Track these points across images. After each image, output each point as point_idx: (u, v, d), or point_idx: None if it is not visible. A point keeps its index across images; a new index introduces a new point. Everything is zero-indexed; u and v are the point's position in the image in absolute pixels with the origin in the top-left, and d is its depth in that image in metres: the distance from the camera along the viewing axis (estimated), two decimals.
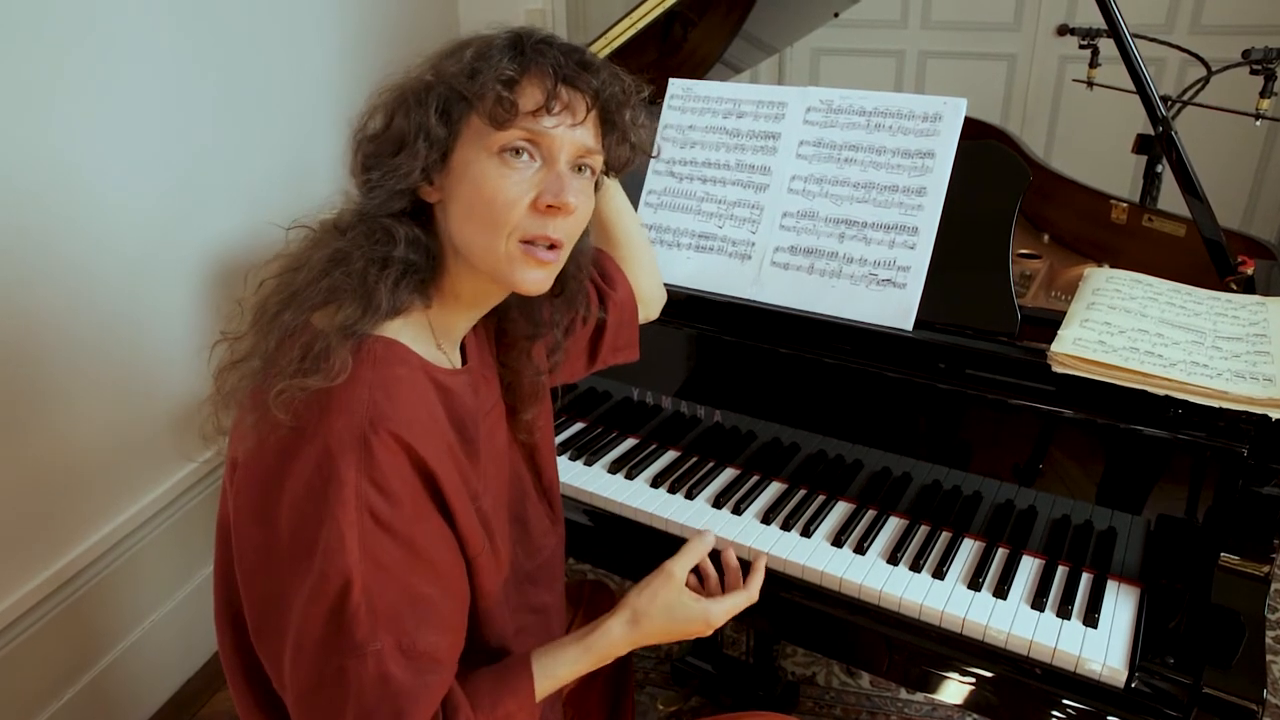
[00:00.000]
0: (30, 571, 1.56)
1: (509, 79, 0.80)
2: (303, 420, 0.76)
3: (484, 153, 0.81)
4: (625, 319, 1.19)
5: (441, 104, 0.81)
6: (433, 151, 0.81)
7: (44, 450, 1.55)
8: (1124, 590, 1.16)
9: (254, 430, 0.79)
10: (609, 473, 1.42)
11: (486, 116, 0.80)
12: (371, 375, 0.79)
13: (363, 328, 0.80)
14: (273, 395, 0.76)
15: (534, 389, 1.03)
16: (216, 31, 1.81)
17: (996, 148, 1.28)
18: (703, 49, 1.95)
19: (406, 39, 2.51)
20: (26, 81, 1.43)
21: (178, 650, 1.90)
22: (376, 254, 0.82)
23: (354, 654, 0.77)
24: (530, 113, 0.81)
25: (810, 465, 1.36)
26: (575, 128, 0.83)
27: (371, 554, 0.77)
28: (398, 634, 0.79)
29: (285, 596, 0.79)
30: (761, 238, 1.35)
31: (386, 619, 0.78)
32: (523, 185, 0.81)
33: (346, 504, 0.75)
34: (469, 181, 0.82)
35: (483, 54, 0.81)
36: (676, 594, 0.99)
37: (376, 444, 0.76)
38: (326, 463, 0.75)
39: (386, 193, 0.82)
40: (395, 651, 0.78)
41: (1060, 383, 1.13)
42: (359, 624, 0.76)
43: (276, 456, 0.78)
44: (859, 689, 1.91)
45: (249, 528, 0.81)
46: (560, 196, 0.81)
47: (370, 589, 0.77)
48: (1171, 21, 3.20)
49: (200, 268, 1.83)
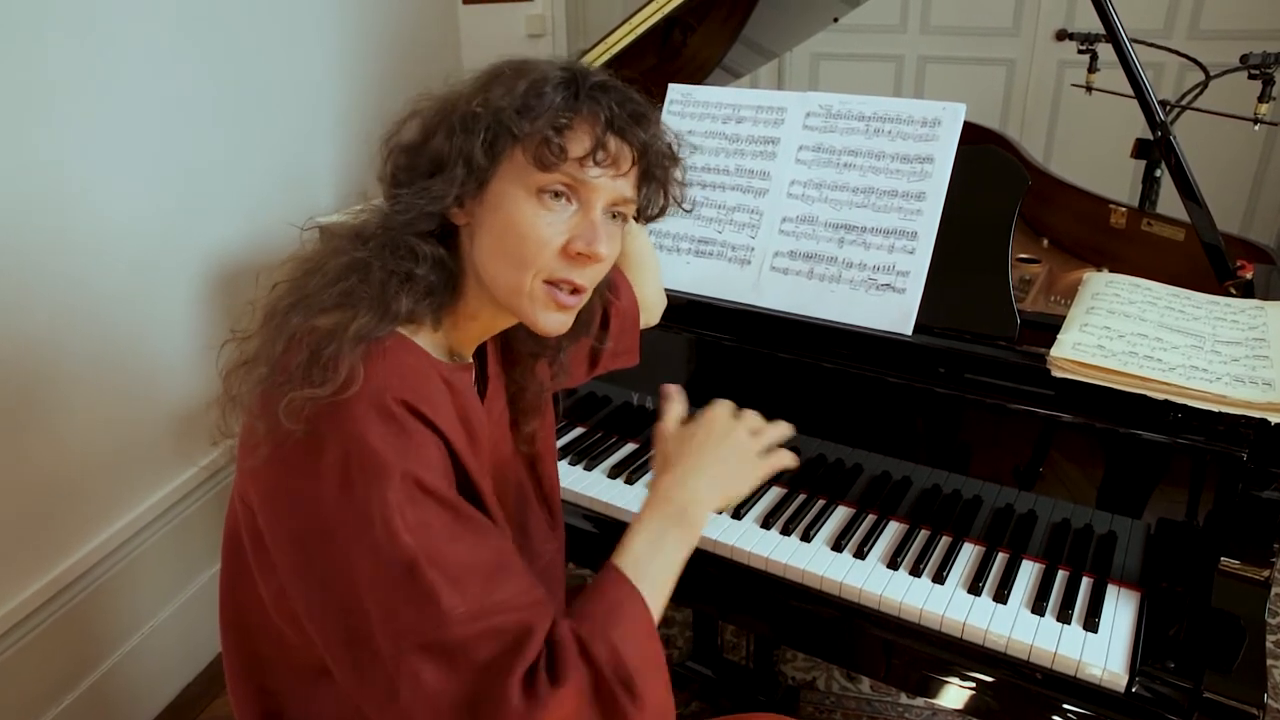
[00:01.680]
0: (30, 576, 1.56)
1: (561, 125, 0.79)
2: (316, 421, 0.74)
3: (522, 189, 0.80)
4: (627, 325, 1.19)
5: (489, 135, 0.79)
6: (471, 180, 0.80)
7: (44, 454, 1.55)
8: (1124, 595, 1.16)
9: (267, 438, 0.76)
10: (609, 477, 1.42)
11: (532, 156, 0.79)
12: (383, 365, 0.77)
13: (376, 335, 0.79)
14: (282, 408, 0.74)
15: (537, 402, 1.03)
16: (217, 37, 1.81)
17: (995, 152, 1.28)
18: (702, 54, 1.95)
19: (407, 45, 2.51)
20: (28, 86, 1.44)
21: (177, 655, 1.90)
22: (399, 269, 0.81)
23: (441, 625, 0.72)
24: (576, 159, 0.80)
25: (810, 470, 1.36)
26: (617, 179, 0.83)
27: (422, 524, 0.73)
28: (465, 596, 0.73)
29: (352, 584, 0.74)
30: (761, 243, 1.35)
31: (461, 579, 0.74)
32: (556, 227, 0.81)
33: (389, 475, 0.72)
34: (503, 215, 0.81)
35: (537, 90, 0.80)
36: (680, 431, 0.95)
37: (400, 413, 0.75)
38: (358, 440, 0.73)
39: (416, 211, 0.81)
40: (468, 619, 0.73)
41: (1060, 387, 1.13)
42: (436, 596, 0.72)
43: (302, 455, 0.75)
44: (859, 694, 1.91)
45: (286, 523, 0.78)
46: (592, 246, 0.81)
47: (433, 557, 0.73)
48: (1170, 26, 3.21)
49: (201, 272, 1.84)
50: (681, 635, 2.07)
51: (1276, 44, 1.85)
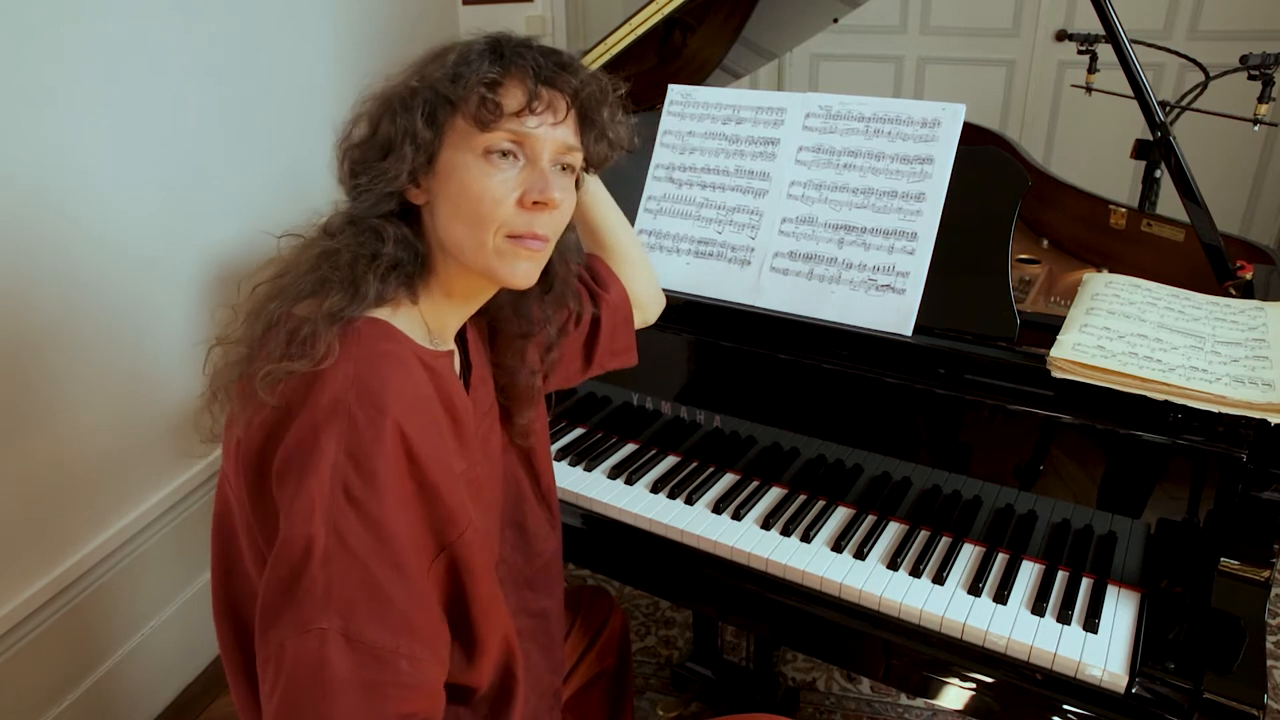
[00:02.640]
0: (31, 576, 1.56)
1: (492, 81, 0.82)
2: (288, 400, 0.78)
3: (470, 154, 0.83)
4: (620, 321, 1.19)
5: (427, 108, 0.83)
6: (419, 155, 0.84)
7: (44, 455, 1.55)
8: (1124, 595, 1.17)
9: (242, 415, 0.80)
10: (609, 478, 1.43)
11: (471, 118, 0.82)
12: (357, 351, 0.80)
13: (349, 314, 0.81)
14: (259, 377, 0.77)
15: (529, 391, 1.04)
16: (218, 39, 1.81)
17: (995, 153, 1.28)
18: (702, 55, 1.95)
19: (407, 47, 2.51)
20: (27, 89, 1.44)
21: (178, 655, 1.90)
22: (365, 250, 0.84)
23: (298, 630, 0.73)
24: (514, 113, 0.83)
25: (810, 470, 1.36)
26: (557, 126, 0.86)
27: (337, 529, 0.75)
28: (346, 618, 0.74)
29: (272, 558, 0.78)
30: (761, 243, 1.35)
31: (339, 600, 0.74)
32: (509, 184, 0.84)
33: (321, 474, 0.75)
34: (456, 182, 0.84)
35: (464, 59, 0.84)
36: None
37: (361, 417, 0.77)
38: (310, 434, 0.76)
39: (375, 196, 0.85)
40: (339, 636, 0.74)
41: (1059, 388, 1.13)
42: (311, 597, 0.73)
43: (264, 434, 0.79)
44: (859, 694, 1.91)
45: (249, 510, 0.82)
46: (545, 193, 0.84)
47: (330, 563, 0.74)
48: (1170, 27, 3.21)
49: (200, 274, 1.84)
50: (681, 636, 2.08)
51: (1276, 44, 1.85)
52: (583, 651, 1.33)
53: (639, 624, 2.11)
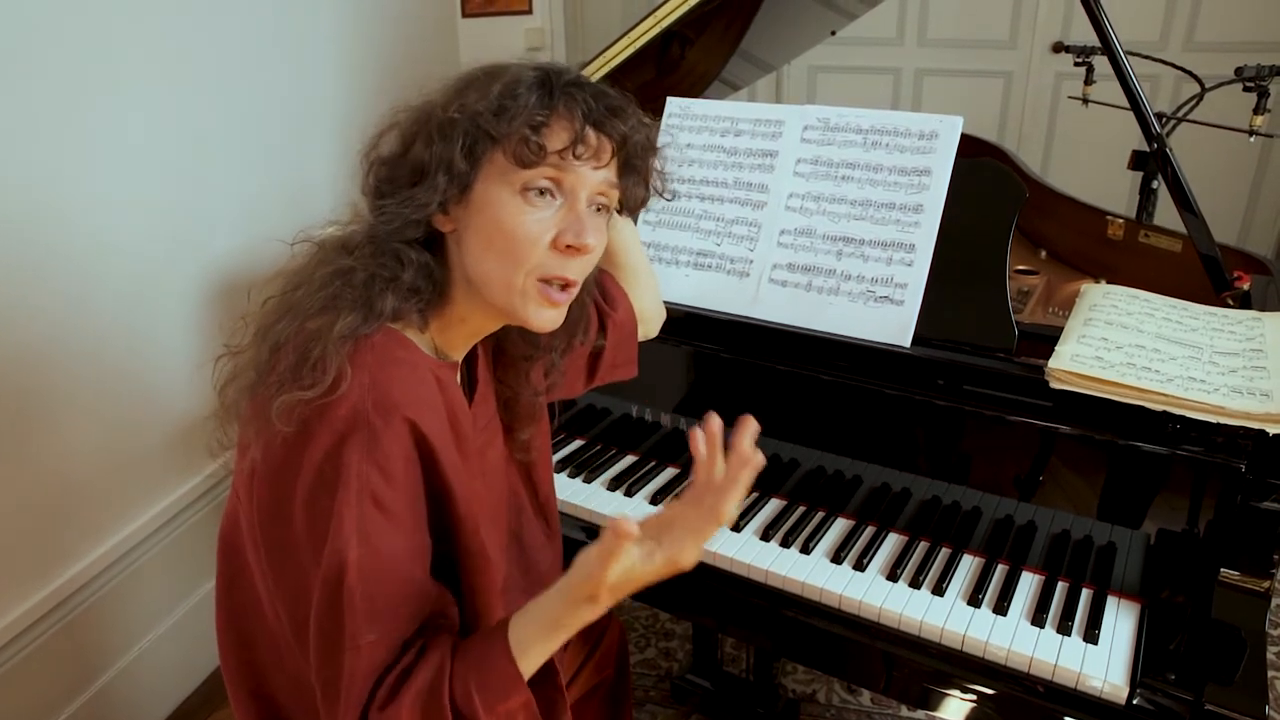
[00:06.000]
0: (30, 588, 1.55)
1: (539, 123, 0.80)
2: (305, 417, 0.77)
3: (506, 189, 0.81)
4: (624, 337, 1.19)
5: (467, 140, 0.80)
6: (453, 186, 0.81)
7: (42, 467, 1.55)
8: (1124, 606, 1.16)
9: (259, 437, 0.80)
10: (608, 490, 1.42)
11: (512, 156, 0.80)
12: (371, 359, 0.79)
13: (361, 333, 0.81)
14: (275, 409, 0.76)
15: (531, 409, 1.03)
16: (219, 51, 1.82)
17: (993, 165, 1.29)
18: (700, 67, 1.96)
19: (407, 58, 2.52)
20: (28, 100, 1.44)
21: (176, 668, 1.89)
22: (383, 272, 0.82)
23: (349, 648, 0.77)
24: (556, 153, 0.81)
25: (809, 482, 1.36)
26: (599, 170, 0.84)
27: (369, 539, 0.77)
28: (390, 626, 0.79)
29: (309, 591, 0.79)
30: (759, 255, 1.35)
31: (382, 612, 0.78)
32: (544, 223, 0.82)
33: (349, 487, 0.76)
34: (489, 216, 0.82)
35: (511, 91, 0.81)
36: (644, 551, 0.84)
37: (379, 424, 0.77)
38: (334, 449, 0.76)
39: (400, 220, 0.83)
40: (382, 643, 0.78)
41: (1058, 399, 1.13)
42: (353, 613, 0.76)
43: (286, 454, 0.78)
44: (860, 706, 1.90)
45: (270, 529, 0.81)
46: (580, 237, 0.82)
47: (366, 575, 0.77)
48: (1165, 39, 3.22)
49: (200, 285, 1.84)
50: (681, 648, 2.07)
51: (1271, 56, 1.86)
52: (581, 662, 1.32)
53: (638, 636, 2.11)
